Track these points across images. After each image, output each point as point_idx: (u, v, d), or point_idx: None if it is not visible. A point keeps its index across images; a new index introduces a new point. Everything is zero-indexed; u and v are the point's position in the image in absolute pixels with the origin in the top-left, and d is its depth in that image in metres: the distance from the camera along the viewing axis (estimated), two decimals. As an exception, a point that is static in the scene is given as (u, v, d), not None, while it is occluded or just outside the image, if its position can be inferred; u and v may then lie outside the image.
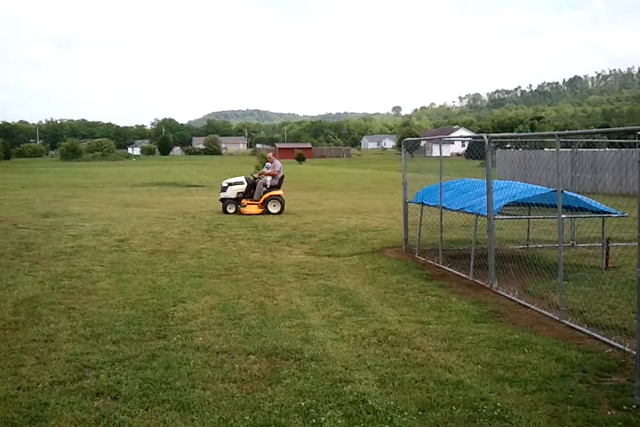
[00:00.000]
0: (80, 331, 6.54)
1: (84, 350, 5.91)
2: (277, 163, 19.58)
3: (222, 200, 18.77)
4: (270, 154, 21.07)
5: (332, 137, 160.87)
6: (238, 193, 18.64)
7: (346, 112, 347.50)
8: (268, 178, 19.08)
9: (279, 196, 18.90)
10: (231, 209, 18.40)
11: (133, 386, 5.01)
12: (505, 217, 9.96)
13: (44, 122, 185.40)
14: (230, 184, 18.85)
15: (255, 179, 19.16)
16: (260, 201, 18.62)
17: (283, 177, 19.60)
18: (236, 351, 5.91)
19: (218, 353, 5.86)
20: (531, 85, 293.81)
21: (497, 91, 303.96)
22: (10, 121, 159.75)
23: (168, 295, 8.15)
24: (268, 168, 19.52)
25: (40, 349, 5.98)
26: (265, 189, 18.77)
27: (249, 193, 18.71)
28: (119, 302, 7.77)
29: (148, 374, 5.27)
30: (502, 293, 8.39)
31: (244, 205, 18.44)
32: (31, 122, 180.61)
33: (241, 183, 18.88)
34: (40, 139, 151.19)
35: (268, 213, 18.28)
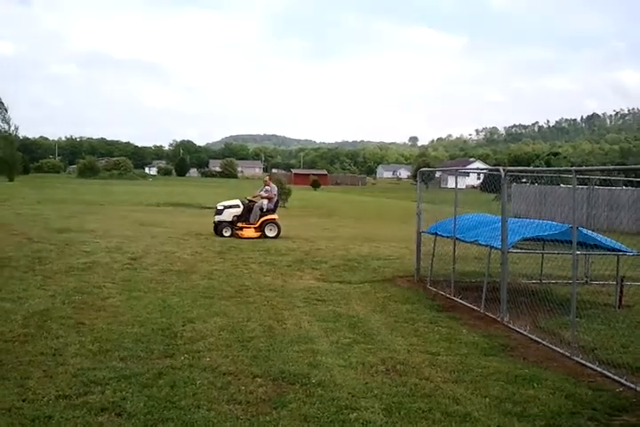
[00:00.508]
0: (88, 346, 6.54)
1: (91, 366, 5.90)
2: (274, 186, 19.54)
3: (217, 223, 18.47)
4: (267, 178, 20.94)
5: (347, 164, 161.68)
6: (234, 216, 18.43)
7: (362, 140, 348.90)
8: (265, 201, 18.94)
9: (275, 220, 18.78)
10: (227, 232, 18.19)
11: (138, 403, 4.99)
12: (519, 251, 9.92)
13: (63, 139, 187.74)
14: (226, 207, 18.61)
15: (250, 202, 19.00)
16: (257, 224, 18.45)
17: (278, 201, 19.59)
18: (242, 373, 5.89)
19: (224, 374, 5.84)
20: (548, 121, 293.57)
21: (514, 125, 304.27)
22: (30, 136, 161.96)
23: (178, 315, 8.15)
24: (266, 191, 19.32)
25: (48, 362, 5.99)
26: (260, 212, 18.61)
27: (244, 216, 18.52)
28: (128, 320, 7.77)
29: (154, 392, 5.25)
30: (514, 327, 8.31)
31: (241, 229, 18.27)
32: (51, 138, 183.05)
33: (237, 206, 18.67)
34: (59, 155, 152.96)
35: (266, 236, 18.17)
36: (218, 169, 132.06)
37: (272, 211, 18.97)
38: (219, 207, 18.65)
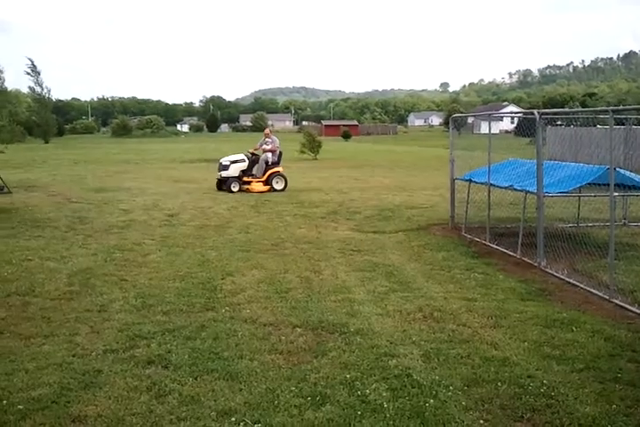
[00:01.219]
0: (132, 302, 6.74)
1: (135, 320, 6.09)
2: (275, 138, 19.17)
3: (223, 179, 18.07)
4: (267, 130, 20.35)
5: (378, 114, 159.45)
6: (240, 171, 18.12)
7: (393, 89, 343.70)
8: (269, 154, 18.64)
9: (280, 172, 18.55)
10: (235, 187, 17.85)
11: (183, 355, 5.15)
12: (555, 194, 9.77)
13: (95, 99, 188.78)
14: (232, 162, 18.18)
15: (253, 155, 18.66)
16: (264, 178, 18.23)
17: (281, 153, 19.27)
18: (282, 324, 6.01)
19: (265, 325, 5.97)
20: (583, 61, 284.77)
21: (548, 66, 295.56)
22: (63, 98, 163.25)
23: (216, 269, 8.31)
24: (267, 144, 18.94)
25: (94, 318, 6.19)
26: (265, 165, 18.37)
27: (249, 170, 18.30)
28: (169, 275, 7.96)
29: (197, 345, 5.41)
30: (551, 271, 8.27)
31: (249, 183, 18.04)
32: (83, 99, 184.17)
33: (243, 161, 18.31)
34: (92, 116, 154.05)
35: (274, 190, 18.05)
36: (249, 124, 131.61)
37: (276, 163, 18.73)
38: (224, 163, 18.21)
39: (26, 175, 22.75)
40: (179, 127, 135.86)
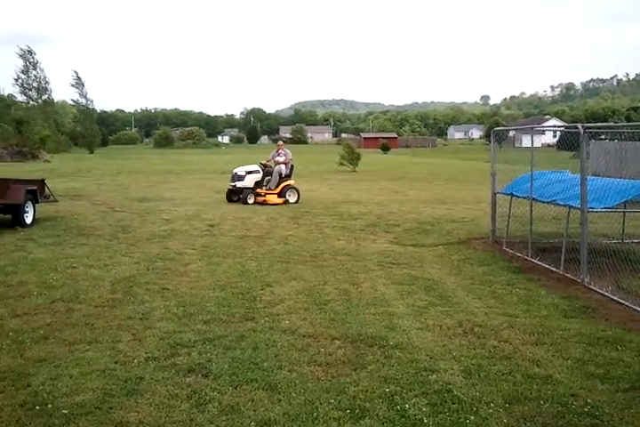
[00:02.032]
0: (173, 310, 6.82)
1: (176, 329, 6.16)
2: (288, 151, 18.91)
3: (237, 189, 17.69)
4: (280, 142, 20.06)
5: (417, 126, 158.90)
6: (255, 182, 17.85)
7: (432, 101, 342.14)
8: (282, 166, 18.35)
9: (293, 185, 18.27)
10: (251, 199, 17.53)
11: (223, 365, 5.19)
12: (599, 210, 9.59)
13: (139, 110, 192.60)
14: (248, 172, 17.81)
15: (265, 167, 18.30)
16: (278, 190, 17.91)
17: (292, 166, 18.99)
18: (321, 336, 6.01)
19: (304, 337, 5.98)
20: (628, 74, 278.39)
21: (592, 79, 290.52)
22: (107, 109, 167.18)
23: (256, 279, 8.37)
24: (280, 155, 18.57)
25: (136, 326, 6.28)
26: (279, 178, 18.06)
27: (262, 182, 17.99)
28: (210, 284, 8.04)
29: (237, 354, 5.45)
30: (594, 288, 8.11)
31: (264, 195, 17.71)
32: (127, 110, 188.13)
33: (257, 172, 17.96)
34: (135, 127, 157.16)
35: (287, 202, 17.79)
36: (288, 135, 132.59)
37: (288, 176, 18.47)
38: (239, 173, 17.83)
39: (71, 184, 23.27)
40: (219, 139, 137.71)
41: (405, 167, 41.26)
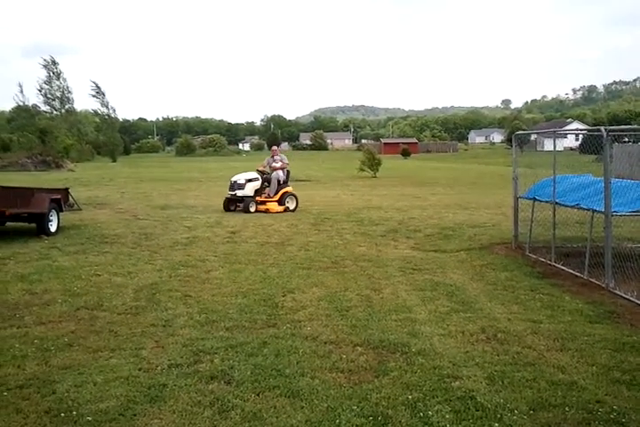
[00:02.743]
0: (196, 317, 6.85)
1: (199, 336, 6.18)
2: (284, 156, 18.43)
3: (237, 198, 17.17)
4: (274, 147, 19.62)
5: (437, 131, 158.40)
6: (255, 190, 17.39)
7: (453, 106, 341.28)
8: (280, 172, 17.77)
9: (291, 191, 17.79)
10: (252, 208, 17.00)
11: (245, 371, 5.20)
12: (623, 214, 9.47)
13: (160, 119, 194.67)
14: (249, 180, 17.26)
15: (264, 173, 17.81)
16: (278, 198, 17.43)
17: (289, 172, 18.51)
18: (343, 342, 6.00)
19: (325, 343, 5.97)
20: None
21: (614, 82, 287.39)
22: (130, 118, 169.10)
23: (278, 286, 8.38)
24: (276, 162, 17.99)
25: (159, 333, 6.31)
26: (278, 184, 17.59)
27: (262, 190, 17.60)
28: (232, 291, 8.07)
29: (260, 361, 5.45)
30: (619, 293, 8.00)
31: (264, 203, 17.27)
32: (149, 119, 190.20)
33: (257, 179, 17.45)
34: (157, 135, 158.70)
35: (287, 210, 17.42)
36: (308, 142, 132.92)
37: (285, 182, 18.03)
38: (239, 181, 17.26)
39: (94, 193, 23.54)
40: (240, 146, 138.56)
41: (426, 172, 41.13)
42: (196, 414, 4.40)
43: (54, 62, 75.85)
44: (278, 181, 17.68)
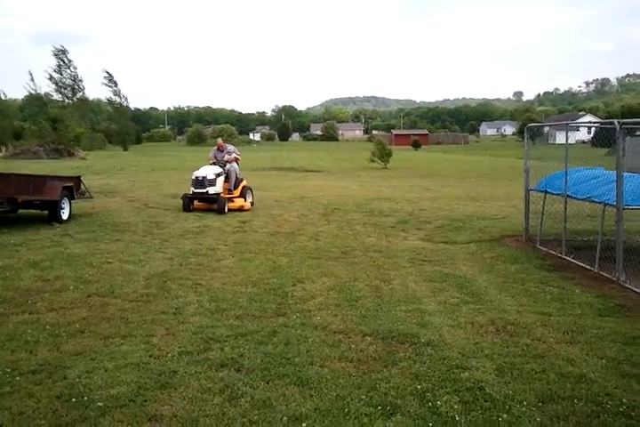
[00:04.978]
0: (206, 305, 6.89)
1: (209, 324, 6.22)
2: (233, 147, 16.96)
3: (209, 196, 14.96)
4: (219, 139, 18.02)
5: (449, 123, 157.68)
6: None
7: (464, 97, 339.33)
8: (235, 164, 16.04)
9: (248, 185, 16.20)
10: (226, 207, 14.80)
11: (255, 359, 5.23)
12: (635, 207, 9.41)
13: (172, 108, 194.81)
14: (218, 175, 15.24)
15: (222, 167, 15.71)
16: (238, 192, 15.71)
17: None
18: (352, 332, 6.02)
19: (335, 333, 5.99)
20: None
21: (627, 75, 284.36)
22: (141, 107, 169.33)
23: (287, 275, 8.41)
24: (228, 153, 16.27)
25: (169, 320, 6.35)
26: (236, 178, 15.90)
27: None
28: (242, 280, 8.11)
29: (269, 349, 5.48)
30: (630, 286, 7.97)
31: (232, 200, 15.41)
32: (160, 108, 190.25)
33: (222, 173, 15.45)
34: (168, 124, 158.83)
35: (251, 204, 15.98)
36: (319, 133, 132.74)
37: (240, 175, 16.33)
38: (209, 177, 14.98)
39: (106, 181, 23.62)
40: (251, 136, 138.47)
41: (437, 164, 41.01)
42: (205, 401, 4.44)
43: (64, 51, 75.98)
44: (236, 175, 16.00)
